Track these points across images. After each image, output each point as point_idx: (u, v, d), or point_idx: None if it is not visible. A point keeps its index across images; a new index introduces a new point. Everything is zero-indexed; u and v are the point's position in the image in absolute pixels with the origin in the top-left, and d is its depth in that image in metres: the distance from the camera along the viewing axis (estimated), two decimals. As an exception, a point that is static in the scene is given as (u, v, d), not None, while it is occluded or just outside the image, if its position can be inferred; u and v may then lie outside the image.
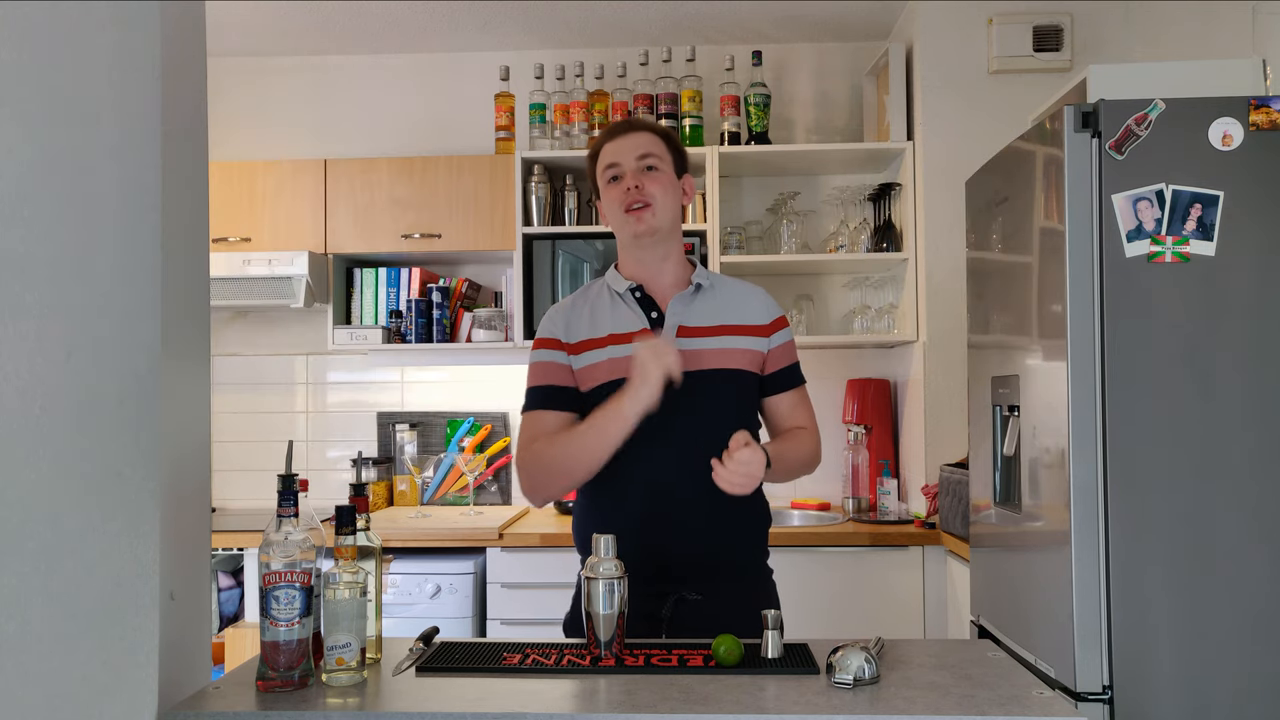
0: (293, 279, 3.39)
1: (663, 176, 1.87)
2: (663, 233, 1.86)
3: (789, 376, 1.92)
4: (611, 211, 1.88)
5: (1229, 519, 1.90)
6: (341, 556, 1.44)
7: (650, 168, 1.86)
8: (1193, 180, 1.92)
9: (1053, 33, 3.18)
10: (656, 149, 1.88)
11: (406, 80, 3.86)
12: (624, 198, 1.84)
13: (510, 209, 3.45)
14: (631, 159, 1.86)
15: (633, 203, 1.84)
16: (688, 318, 1.86)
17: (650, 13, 3.46)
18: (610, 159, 1.88)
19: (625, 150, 1.87)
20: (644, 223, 1.84)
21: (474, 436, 3.72)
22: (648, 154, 1.86)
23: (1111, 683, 1.90)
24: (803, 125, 3.76)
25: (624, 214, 1.85)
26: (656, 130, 1.91)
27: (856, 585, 3.02)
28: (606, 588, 1.51)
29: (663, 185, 1.86)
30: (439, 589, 3.03)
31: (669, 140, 1.92)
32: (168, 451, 1.34)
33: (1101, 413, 1.93)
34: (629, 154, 1.86)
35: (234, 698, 1.37)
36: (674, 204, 1.88)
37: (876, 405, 3.55)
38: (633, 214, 1.84)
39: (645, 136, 1.88)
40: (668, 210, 1.86)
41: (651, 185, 1.85)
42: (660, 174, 1.87)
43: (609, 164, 1.88)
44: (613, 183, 1.87)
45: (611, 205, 1.87)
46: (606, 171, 1.89)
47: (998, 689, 1.37)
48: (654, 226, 1.84)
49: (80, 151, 1.15)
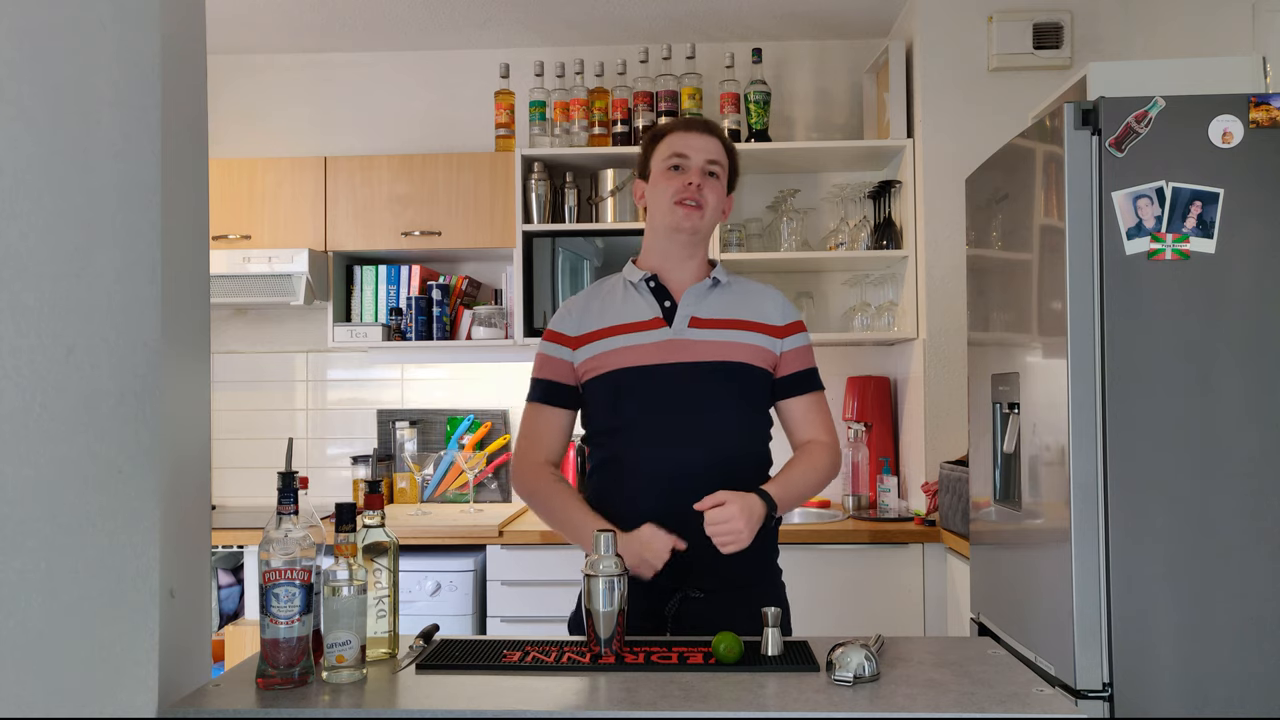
0: (293, 276, 3.39)
1: (720, 187, 1.90)
2: (700, 236, 1.89)
3: (803, 381, 1.91)
4: (659, 198, 1.88)
5: (1229, 515, 1.90)
6: (341, 554, 1.44)
7: (713, 174, 1.89)
8: (1193, 178, 1.91)
9: (1053, 30, 3.18)
10: (722, 159, 1.91)
11: (407, 77, 3.85)
12: (682, 191, 1.85)
13: (510, 206, 3.45)
14: (701, 159, 1.88)
15: (688, 199, 1.85)
16: (700, 310, 1.87)
17: (650, 10, 3.45)
18: (678, 148, 1.88)
19: (697, 147, 1.88)
20: (691, 220, 1.86)
21: (474, 434, 3.72)
22: (715, 160, 1.89)
23: (1111, 680, 1.91)
24: (803, 123, 3.76)
25: (673, 204, 1.86)
26: (727, 143, 1.94)
27: (857, 583, 3.02)
28: (606, 585, 1.51)
29: (718, 195, 1.90)
30: (439, 586, 3.04)
31: (733, 156, 1.95)
32: (168, 449, 1.34)
33: (1101, 410, 1.93)
34: (700, 153, 1.88)
35: (234, 695, 1.37)
36: (718, 216, 1.92)
37: (876, 403, 3.54)
38: (684, 208, 1.85)
39: (717, 144, 1.91)
40: (713, 220, 1.90)
41: (709, 192, 1.87)
42: (719, 183, 1.90)
43: (676, 152, 1.88)
44: (673, 171, 1.88)
45: (662, 192, 1.88)
46: (670, 159, 1.88)
47: (998, 686, 1.37)
48: (697, 227, 1.87)
49: (80, 148, 1.15)
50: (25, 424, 1.03)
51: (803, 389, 1.91)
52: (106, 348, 1.19)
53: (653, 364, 1.82)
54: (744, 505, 1.68)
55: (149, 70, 1.30)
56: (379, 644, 1.54)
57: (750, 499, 1.70)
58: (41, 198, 1.06)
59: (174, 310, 1.39)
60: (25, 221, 1.03)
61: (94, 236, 1.17)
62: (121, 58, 1.24)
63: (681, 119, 1.97)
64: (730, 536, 1.66)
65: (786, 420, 1.93)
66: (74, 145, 1.13)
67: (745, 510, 1.67)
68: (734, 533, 1.66)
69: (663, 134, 1.93)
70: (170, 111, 1.37)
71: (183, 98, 1.44)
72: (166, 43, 1.35)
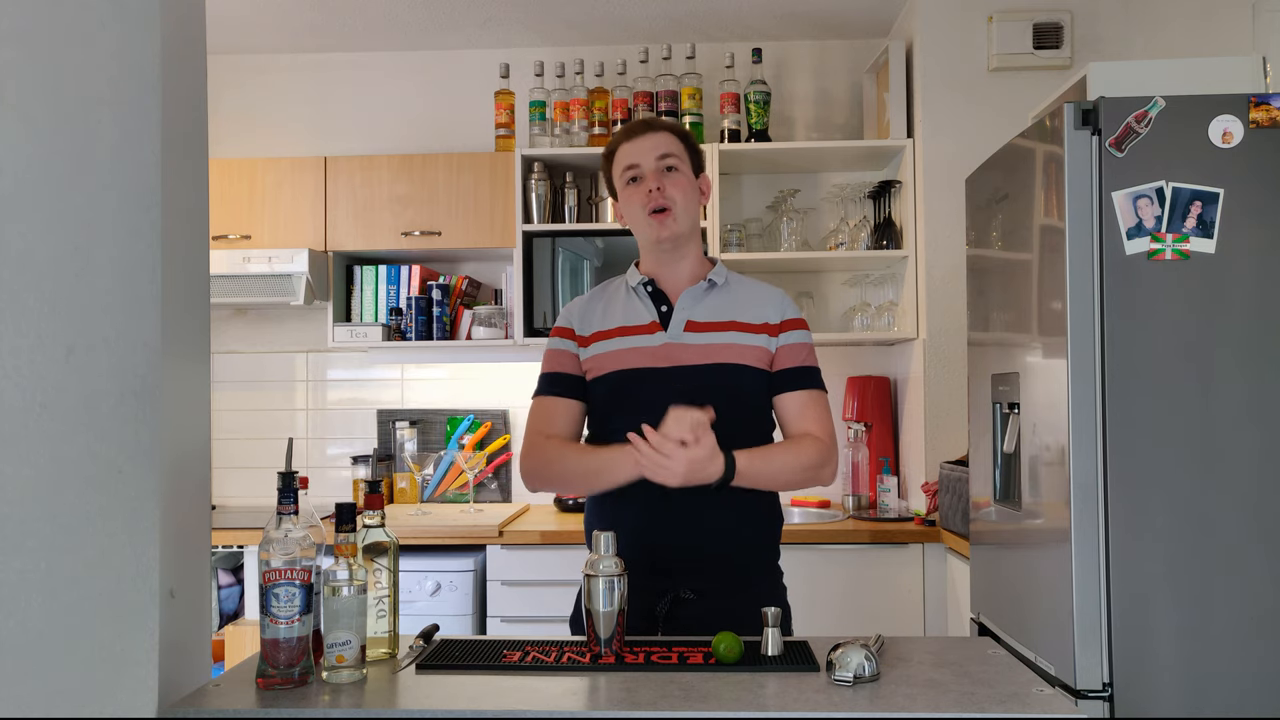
0: (293, 276, 3.39)
1: (682, 178, 1.86)
2: (683, 234, 1.86)
3: (796, 376, 1.86)
4: (632, 213, 1.87)
5: (1229, 515, 1.90)
6: (341, 554, 1.44)
7: (670, 168, 1.85)
8: (1193, 177, 1.91)
9: (1053, 30, 3.18)
10: (675, 148, 1.87)
11: (406, 77, 3.85)
12: (646, 200, 1.83)
13: (510, 206, 3.45)
14: (651, 159, 1.85)
15: (655, 205, 1.83)
16: (696, 313, 1.86)
17: (650, 10, 3.45)
18: (629, 160, 1.86)
19: (644, 151, 1.85)
20: (666, 228, 1.84)
21: (474, 434, 3.72)
22: (667, 154, 1.85)
23: (1111, 680, 1.91)
24: (803, 122, 3.76)
25: (647, 217, 1.84)
26: (674, 129, 1.90)
27: (856, 583, 3.02)
28: (606, 585, 1.51)
29: (683, 188, 1.85)
30: (439, 586, 3.04)
31: (686, 139, 1.91)
32: (168, 449, 1.34)
33: (1101, 410, 1.93)
34: (648, 154, 1.85)
35: (234, 695, 1.37)
36: (694, 205, 1.88)
37: (876, 403, 3.55)
38: (655, 218, 1.83)
39: (663, 136, 1.87)
40: (689, 213, 1.87)
41: (672, 188, 1.84)
42: (680, 175, 1.86)
43: (628, 165, 1.86)
44: (633, 184, 1.86)
45: (633, 207, 1.86)
46: (626, 173, 1.87)
47: (998, 686, 1.37)
48: (676, 232, 1.84)
49: (80, 149, 1.15)
50: (25, 424, 1.03)
51: (797, 384, 1.86)
52: (106, 348, 1.19)
53: (649, 367, 1.81)
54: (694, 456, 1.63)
55: (149, 70, 1.30)
56: (379, 644, 1.54)
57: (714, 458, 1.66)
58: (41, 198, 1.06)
59: (174, 310, 1.39)
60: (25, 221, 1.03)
61: (94, 236, 1.17)
62: (121, 58, 1.24)
63: (623, 128, 1.93)
64: (662, 470, 1.64)
65: (781, 416, 1.89)
66: (74, 145, 1.13)
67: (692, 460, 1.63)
68: (666, 469, 1.63)
69: (612, 150, 1.91)
70: (170, 111, 1.37)
71: (183, 98, 1.44)
72: (166, 43, 1.35)
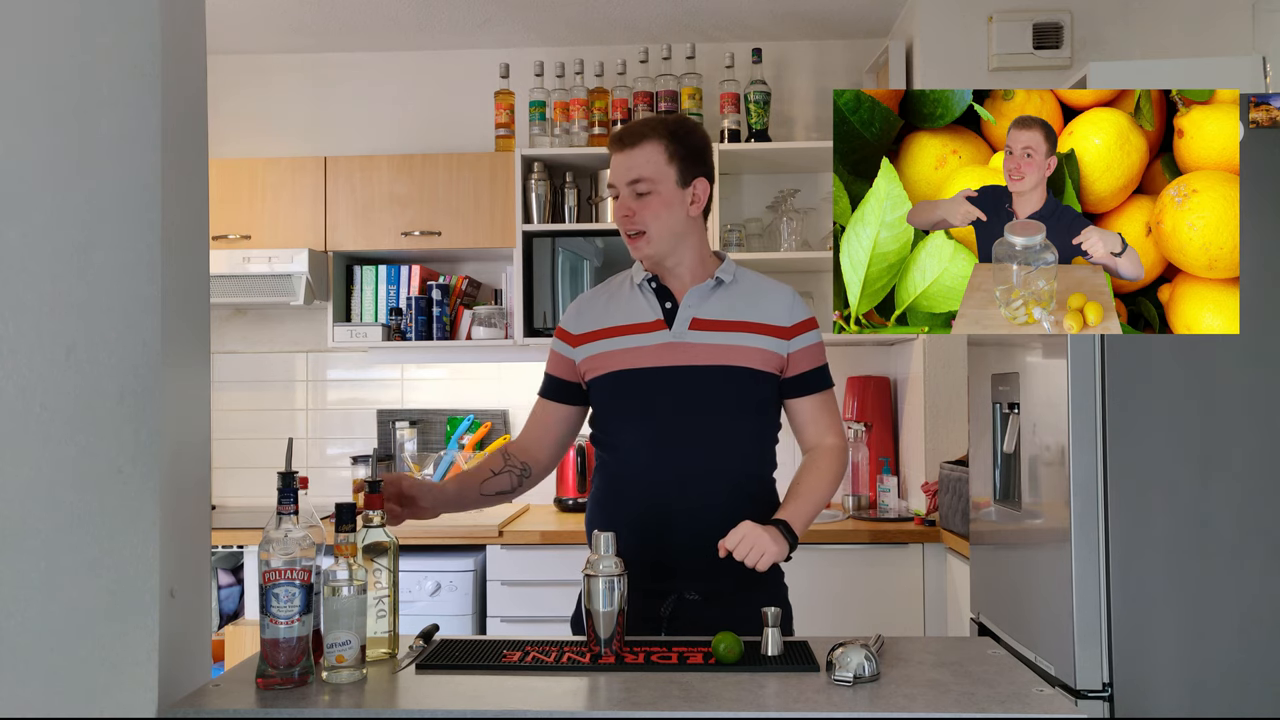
0: (292, 276, 3.39)
1: (655, 200, 1.79)
2: (661, 254, 1.83)
3: (811, 380, 1.87)
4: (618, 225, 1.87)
5: (1229, 516, 1.90)
6: (341, 554, 1.44)
7: (641, 194, 1.79)
8: (1193, 178, 1.91)
9: (1053, 30, 3.17)
10: (651, 168, 1.79)
11: (406, 77, 3.85)
12: (620, 224, 1.83)
13: (510, 206, 3.45)
14: (623, 183, 1.81)
15: (627, 230, 1.82)
16: (702, 311, 1.84)
17: (650, 10, 3.45)
18: (610, 175, 1.86)
19: (620, 171, 1.82)
20: (640, 251, 1.83)
21: (474, 434, 3.71)
22: (639, 179, 1.79)
23: (1111, 680, 1.90)
24: (802, 122, 3.76)
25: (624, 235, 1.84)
26: (664, 134, 1.81)
27: (856, 583, 3.02)
28: (606, 585, 1.51)
29: (655, 210, 1.79)
30: (439, 586, 3.04)
31: (679, 142, 1.81)
32: (168, 448, 1.34)
33: (1101, 410, 1.93)
34: (622, 177, 1.81)
35: (234, 695, 1.37)
36: (674, 221, 1.81)
37: (876, 402, 3.54)
38: (629, 240, 1.83)
39: (642, 152, 1.80)
40: (664, 233, 1.80)
41: (644, 212, 1.79)
42: (654, 198, 1.79)
43: (610, 182, 1.86)
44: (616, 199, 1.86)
45: (616, 219, 1.86)
46: (609, 188, 1.87)
47: (998, 686, 1.37)
48: (649, 254, 1.83)
49: (81, 149, 1.15)
50: (25, 424, 1.03)
51: (811, 389, 1.87)
52: (106, 348, 1.19)
53: (652, 366, 1.81)
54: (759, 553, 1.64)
55: (149, 70, 1.30)
56: (379, 644, 1.54)
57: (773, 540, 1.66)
58: (42, 198, 1.06)
59: (174, 310, 1.39)
60: (25, 221, 1.03)
61: (94, 237, 1.17)
62: (121, 58, 1.24)
63: (615, 132, 1.90)
64: (757, 552, 1.63)
65: (795, 420, 1.90)
66: (74, 145, 1.13)
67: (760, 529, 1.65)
68: (758, 546, 1.63)
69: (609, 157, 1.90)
70: (170, 111, 1.37)
71: (182, 98, 1.44)
72: (166, 43, 1.35)
